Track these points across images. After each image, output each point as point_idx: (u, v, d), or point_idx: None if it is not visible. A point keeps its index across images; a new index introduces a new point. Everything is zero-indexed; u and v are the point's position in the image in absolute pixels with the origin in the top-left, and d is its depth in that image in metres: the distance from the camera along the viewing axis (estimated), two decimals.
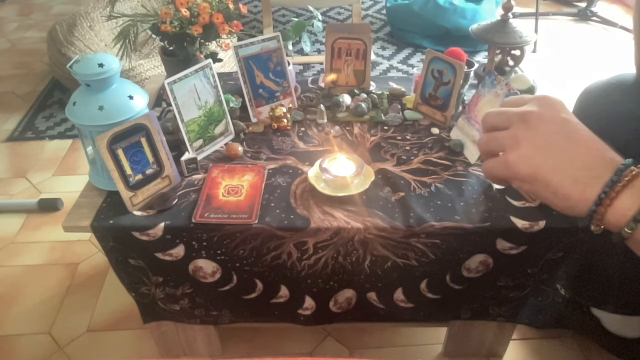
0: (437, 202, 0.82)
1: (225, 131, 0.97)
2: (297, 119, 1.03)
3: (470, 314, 0.96)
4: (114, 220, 0.80)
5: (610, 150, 0.46)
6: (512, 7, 1.08)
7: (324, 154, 0.90)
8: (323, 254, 0.83)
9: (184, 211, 0.81)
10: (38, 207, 1.51)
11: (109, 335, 1.17)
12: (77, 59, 0.80)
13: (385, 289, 0.90)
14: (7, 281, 1.31)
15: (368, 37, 1.04)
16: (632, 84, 0.91)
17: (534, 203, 0.81)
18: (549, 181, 0.46)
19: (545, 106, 0.48)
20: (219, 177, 0.88)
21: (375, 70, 2.22)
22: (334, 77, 1.08)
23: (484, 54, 2.26)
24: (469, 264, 0.85)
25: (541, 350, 1.13)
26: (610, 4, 2.84)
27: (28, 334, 1.18)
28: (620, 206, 0.43)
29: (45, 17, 2.85)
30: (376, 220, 0.79)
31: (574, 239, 0.80)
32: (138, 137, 0.79)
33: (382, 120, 1.02)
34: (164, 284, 0.89)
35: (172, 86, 0.87)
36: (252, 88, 1.01)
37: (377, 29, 2.58)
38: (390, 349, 1.14)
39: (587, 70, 2.24)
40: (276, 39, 1.01)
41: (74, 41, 2.02)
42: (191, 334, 1.04)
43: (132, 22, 1.02)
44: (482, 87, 0.86)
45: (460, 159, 0.92)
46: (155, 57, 1.93)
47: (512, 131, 0.48)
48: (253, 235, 0.80)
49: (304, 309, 0.94)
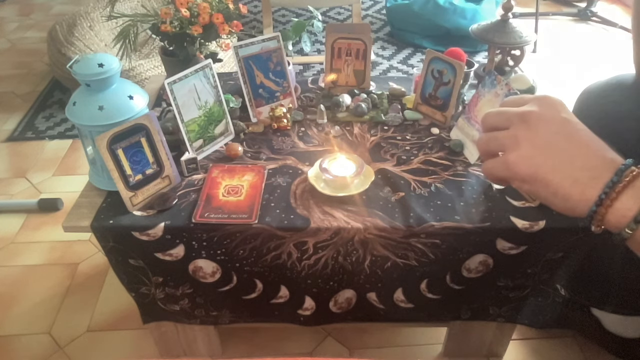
0: (437, 202, 0.82)
1: (225, 131, 0.97)
2: (297, 119, 1.03)
3: (470, 314, 0.96)
4: (114, 220, 0.80)
5: (610, 150, 0.46)
6: (512, 7, 1.08)
7: (324, 154, 0.90)
8: (323, 254, 0.83)
9: (184, 211, 0.81)
10: (38, 207, 1.51)
11: (109, 335, 1.17)
12: (77, 59, 0.80)
13: (385, 289, 0.90)
14: (7, 281, 1.31)
15: (368, 37, 1.04)
16: (631, 84, 0.91)
17: (534, 203, 0.81)
18: (549, 181, 0.46)
19: (545, 106, 0.48)
20: (219, 177, 0.88)
21: (375, 70, 2.22)
22: (334, 77, 1.08)
23: (484, 54, 2.26)
24: (469, 264, 0.85)
25: (541, 350, 1.13)
26: (610, 4, 2.84)
27: (28, 334, 1.18)
28: (621, 207, 0.43)
29: (45, 17, 2.85)
30: (376, 220, 0.79)
31: (574, 239, 0.80)
32: (138, 137, 0.79)
33: (382, 120, 1.02)
34: (164, 284, 0.89)
35: (172, 86, 0.87)
36: (252, 88, 1.01)
37: (377, 29, 2.58)
38: (390, 349, 1.14)
39: (587, 70, 2.24)
40: (276, 39, 1.01)
41: (74, 41, 2.02)
42: (191, 334, 1.04)
43: (132, 22, 1.02)
44: (482, 87, 0.86)
45: (460, 159, 0.92)
46: (155, 57, 1.93)
47: (512, 131, 0.48)
48: (253, 235, 0.80)
49: (304, 309, 0.94)
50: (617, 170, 0.43)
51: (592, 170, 0.44)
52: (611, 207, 0.43)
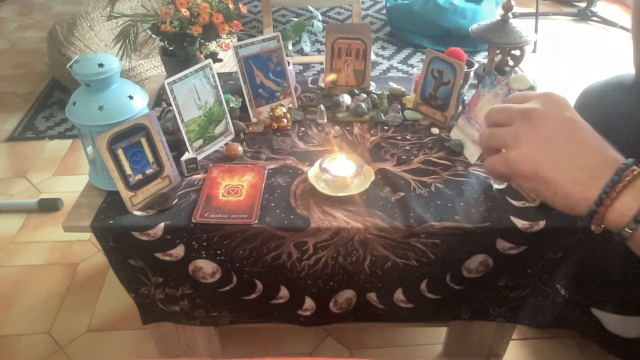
0: (437, 202, 0.82)
1: (225, 131, 0.97)
2: (297, 119, 1.03)
3: (470, 314, 0.96)
4: (114, 220, 0.80)
5: (611, 149, 0.46)
6: (512, 7, 1.08)
7: (324, 154, 0.90)
8: (323, 254, 0.83)
9: (184, 211, 0.81)
10: (38, 207, 1.51)
11: (109, 335, 1.17)
12: (77, 59, 0.80)
13: (385, 289, 0.90)
14: (7, 281, 1.31)
15: (368, 37, 1.04)
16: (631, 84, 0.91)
17: (534, 203, 0.81)
18: (549, 180, 0.46)
19: (548, 104, 0.48)
20: (219, 177, 0.88)
21: (375, 70, 2.22)
22: (334, 77, 1.08)
23: (484, 54, 2.25)
24: (469, 264, 0.85)
25: (541, 350, 1.13)
26: (610, 4, 2.84)
27: (28, 334, 1.18)
28: (621, 206, 0.43)
29: (45, 17, 2.85)
30: (376, 220, 0.79)
31: (574, 239, 0.80)
32: (138, 137, 0.79)
33: (382, 120, 1.02)
34: (163, 285, 0.89)
35: (172, 86, 0.87)
36: (252, 88, 1.01)
37: (377, 29, 2.58)
38: (390, 349, 1.14)
39: (587, 70, 2.24)
40: (276, 39, 1.01)
41: (74, 41, 2.02)
42: (191, 334, 1.04)
43: (132, 22, 1.02)
44: (482, 87, 0.86)
45: (460, 159, 0.92)
46: (155, 57, 1.93)
47: (514, 128, 0.48)
48: (253, 236, 0.80)
49: (304, 309, 0.94)
50: (617, 170, 0.43)
51: (592, 170, 0.44)
52: (611, 206, 0.43)
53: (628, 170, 0.43)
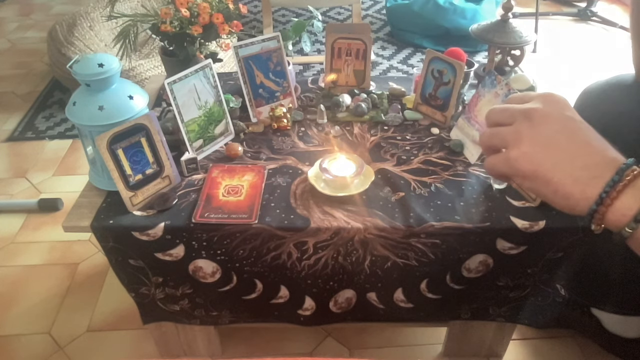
0: (437, 202, 0.82)
1: (225, 131, 0.97)
2: (297, 119, 1.03)
3: (470, 314, 0.96)
4: (114, 220, 0.80)
5: (612, 149, 0.46)
6: (512, 7, 1.08)
7: (324, 154, 0.90)
8: (323, 254, 0.83)
9: (184, 211, 0.81)
10: (38, 207, 1.51)
11: (109, 335, 1.17)
12: (77, 59, 0.80)
13: (385, 289, 0.90)
14: (7, 281, 1.31)
15: (368, 37, 1.04)
16: (631, 84, 0.91)
17: (534, 203, 0.81)
18: (550, 179, 0.46)
19: (549, 104, 0.48)
20: (219, 177, 0.88)
21: (375, 70, 2.22)
22: (334, 77, 1.08)
23: (484, 54, 2.26)
24: (469, 264, 0.85)
25: (541, 350, 1.13)
26: (610, 4, 2.84)
27: (28, 334, 1.18)
28: (621, 206, 0.43)
29: (45, 17, 2.85)
30: (376, 220, 0.79)
31: (574, 239, 0.80)
32: (138, 137, 0.79)
33: (382, 120, 1.02)
34: (163, 284, 0.89)
35: (172, 86, 0.87)
36: (252, 88, 1.01)
37: (377, 29, 2.58)
38: (390, 349, 1.14)
39: (587, 70, 2.24)
40: (276, 39, 1.01)
41: (74, 41, 2.02)
42: (191, 334, 1.04)
43: (132, 22, 1.02)
44: (482, 87, 0.86)
45: (460, 159, 0.92)
46: (155, 57, 1.93)
47: (515, 128, 0.48)
48: (253, 235, 0.80)
49: (303, 309, 0.94)
50: (618, 170, 0.43)
51: (593, 169, 0.44)
52: (611, 206, 0.43)
53: (628, 170, 0.43)
